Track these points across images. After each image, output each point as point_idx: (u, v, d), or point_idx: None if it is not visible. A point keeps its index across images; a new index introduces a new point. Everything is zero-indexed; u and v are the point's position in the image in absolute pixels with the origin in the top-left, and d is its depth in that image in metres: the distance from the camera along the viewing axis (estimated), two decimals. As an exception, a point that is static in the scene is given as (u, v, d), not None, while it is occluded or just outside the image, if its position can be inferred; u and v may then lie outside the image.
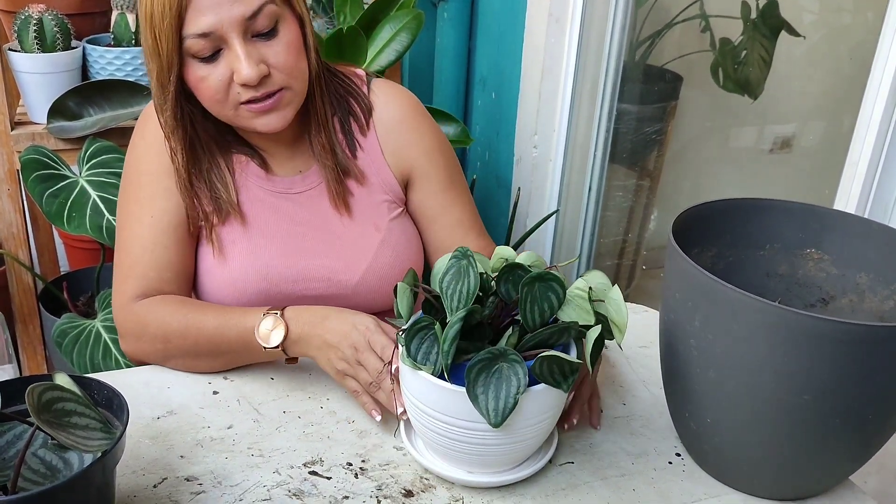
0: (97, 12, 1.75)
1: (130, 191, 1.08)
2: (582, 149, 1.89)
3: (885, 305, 0.91)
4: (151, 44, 0.95)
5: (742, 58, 2.02)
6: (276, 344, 0.96)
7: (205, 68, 0.96)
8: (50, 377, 0.78)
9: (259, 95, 0.97)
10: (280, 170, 1.10)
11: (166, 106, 1.00)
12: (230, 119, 1.01)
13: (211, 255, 1.08)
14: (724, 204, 0.95)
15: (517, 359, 0.78)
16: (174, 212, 1.05)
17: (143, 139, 1.07)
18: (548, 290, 0.82)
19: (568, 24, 1.77)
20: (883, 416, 0.78)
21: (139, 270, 1.04)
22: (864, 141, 1.17)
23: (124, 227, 1.07)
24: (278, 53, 0.97)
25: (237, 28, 0.94)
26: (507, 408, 0.77)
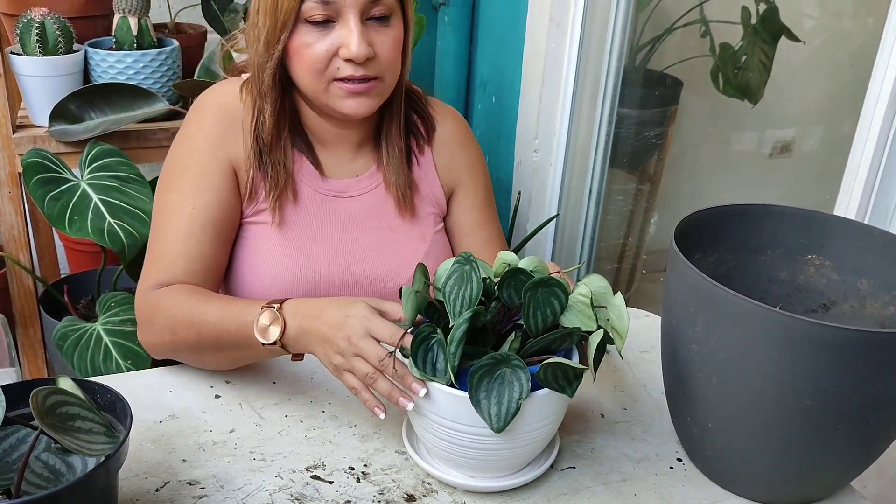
0: (99, 16, 1.75)
1: (174, 179, 1.07)
2: (582, 153, 1.90)
3: (886, 311, 0.91)
4: (271, 1, 0.98)
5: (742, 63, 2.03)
6: (273, 340, 0.91)
7: (313, 34, 0.99)
8: (53, 381, 0.78)
9: (358, 76, 1.00)
10: (335, 172, 1.12)
11: (268, 65, 1.02)
12: (318, 94, 1.03)
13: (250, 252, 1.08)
14: (725, 209, 0.95)
15: (520, 364, 0.78)
16: (216, 207, 1.05)
17: (201, 129, 1.07)
18: (550, 296, 0.82)
19: (569, 28, 1.77)
20: (884, 421, 0.78)
21: (168, 259, 1.03)
22: (865, 146, 1.17)
23: (162, 214, 1.06)
24: (385, 42, 1.01)
25: (357, 6, 0.98)
26: (509, 413, 0.77)
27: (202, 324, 0.96)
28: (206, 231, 1.04)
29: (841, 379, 0.74)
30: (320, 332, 0.88)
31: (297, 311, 0.90)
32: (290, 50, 1.01)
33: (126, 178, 1.50)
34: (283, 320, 0.90)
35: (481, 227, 1.20)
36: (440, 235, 1.18)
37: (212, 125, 1.06)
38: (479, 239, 1.19)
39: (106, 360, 1.43)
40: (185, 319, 0.98)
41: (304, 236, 1.09)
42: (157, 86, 1.67)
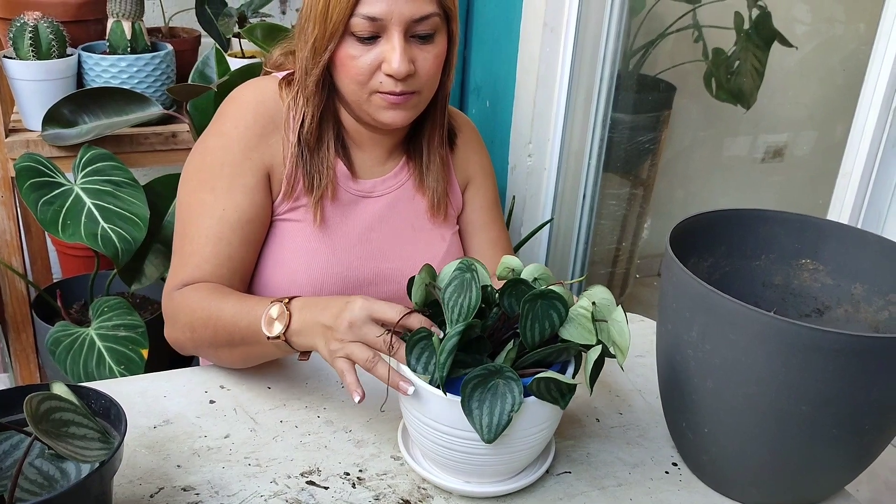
0: (93, 20, 1.75)
1: (206, 178, 1.07)
2: (576, 157, 1.90)
3: (879, 316, 0.91)
4: (321, 10, 1.01)
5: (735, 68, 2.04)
6: (276, 333, 0.92)
7: (359, 48, 1.02)
8: (48, 386, 0.78)
9: (397, 91, 1.03)
10: (365, 173, 1.15)
11: (314, 71, 1.05)
12: (360, 102, 1.06)
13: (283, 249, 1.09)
14: (720, 214, 0.95)
15: (513, 376, 0.78)
16: (247, 209, 1.06)
17: (237, 128, 1.08)
18: (550, 308, 0.81)
19: (562, 33, 1.77)
20: (879, 426, 0.79)
21: (196, 261, 1.04)
22: (857, 151, 1.18)
23: (192, 214, 1.07)
24: (427, 59, 1.03)
25: (402, 24, 1.01)
26: (500, 424, 0.78)
27: (218, 320, 0.98)
28: (235, 234, 1.05)
29: (835, 384, 0.74)
30: (323, 322, 0.89)
31: (304, 305, 0.92)
32: (336, 60, 1.04)
33: (119, 182, 1.49)
34: (288, 314, 0.92)
35: (487, 226, 1.24)
36: (457, 236, 1.23)
37: (250, 125, 1.07)
38: (486, 238, 1.24)
39: (99, 366, 1.42)
40: (204, 316, 1.00)
41: (338, 235, 1.12)
42: (150, 90, 1.67)
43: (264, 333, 0.93)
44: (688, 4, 2.08)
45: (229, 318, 0.97)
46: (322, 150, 1.10)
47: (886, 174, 1.17)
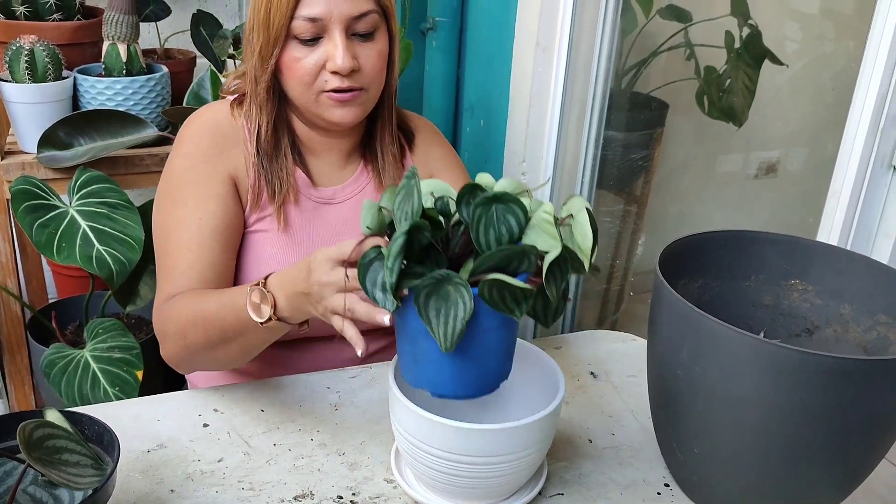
0: (88, 43, 1.76)
1: (176, 196, 1.10)
2: (570, 175, 1.91)
3: (868, 336, 0.92)
4: (263, 17, 1.05)
5: (726, 86, 2.05)
6: (267, 316, 0.91)
7: (302, 50, 1.05)
8: (41, 413, 0.78)
9: (343, 86, 1.05)
10: (324, 181, 1.17)
11: (263, 78, 1.08)
12: (308, 104, 1.08)
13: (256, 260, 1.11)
14: (709, 236, 0.96)
15: (461, 282, 0.74)
16: (222, 216, 1.09)
17: (198, 146, 1.11)
18: (507, 213, 0.76)
19: (555, 52, 1.79)
20: (868, 446, 0.79)
21: (179, 270, 1.06)
22: (846, 171, 1.19)
23: (169, 231, 1.08)
24: (370, 56, 1.07)
25: (342, 23, 1.04)
26: (455, 332, 0.74)
27: (205, 320, 0.98)
28: (214, 239, 1.07)
29: (823, 405, 0.75)
30: (301, 290, 0.88)
31: (281, 281, 0.91)
32: (282, 64, 1.07)
33: (115, 204, 1.50)
34: (271, 295, 0.91)
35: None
36: None
37: (208, 141, 1.11)
38: None
39: (94, 388, 1.42)
40: (191, 320, 1.00)
41: (305, 241, 1.14)
42: (146, 112, 1.68)
43: (255, 321, 0.92)
44: (679, 23, 2.09)
45: (215, 315, 0.97)
46: (280, 157, 1.13)
47: (875, 194, 1.18)
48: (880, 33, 1.13)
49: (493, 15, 1.95)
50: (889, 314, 0.90)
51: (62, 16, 1.73)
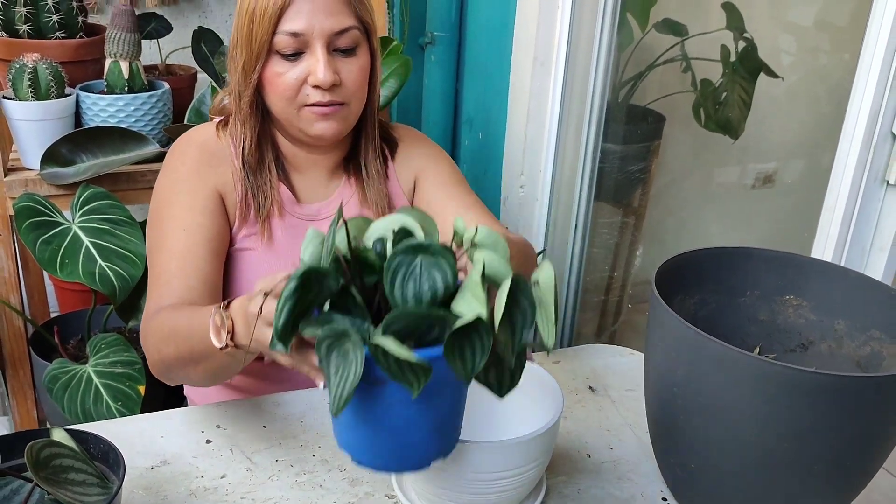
0: (90, 60, 1.78)
1: (165, 211, 1.11)
2: (568, 188, 1.92)
3: (861, 351, 0.93)
4: (245, 34, 1.06)
5: (722, 99, 2.07)
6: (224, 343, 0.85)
7: (284, 65, 1.07)
8: (48, 432, 0.80)
9: (325, 101, 1.07)
10: (308, 197, 1.18)
11: (246, 93, 1.10)
12: (291, 118, 1.10)
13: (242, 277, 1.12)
14: (704, 252, 0.98)
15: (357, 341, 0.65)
16: (209, 227, 1.10)
17: (185, 164, 1.13)
18: (433, 267, 0.67)
19: (552, 67, 1.81)
20: (861, 460, 0.80)
21: (165, 279, 1.05)
22: (840, 186, 1.20)
23: (158, 244, 1.09)
24: (351, 71, 1.08)
25: (324, 38, 1.06)
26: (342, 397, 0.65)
27: (177, 336, 0.95)
28: (201, 247, 1.08)
29: (817, 421, 0.76)
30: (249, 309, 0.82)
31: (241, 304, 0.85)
32: (264, 79, 1.09)
33: (117, 220, 1.51)
34: (230, 320, 0.86)
35: (454, 197, 1.19)
36: None
37: (194, 159, 1.13)
38: (456, 206, 1.17)
39: (96, 403, 1.44)
40: (166, 335, 0.97)
41: (291, 258, 1.15)
42: (147, 128, 1.70)
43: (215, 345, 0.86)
44: (675, 37, 2.11)
45: (186, 333, 0.93)
46: (264, 172, 1.14)
47: (869, 209, 1.20)
48: (872, 49, 1.14)
49: (491, 29, 1.97)
50: (882, 329, 0.91)
51: (65, 34, 1.74)
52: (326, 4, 1.05)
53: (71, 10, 1.74)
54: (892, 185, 1.18)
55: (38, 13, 1.71)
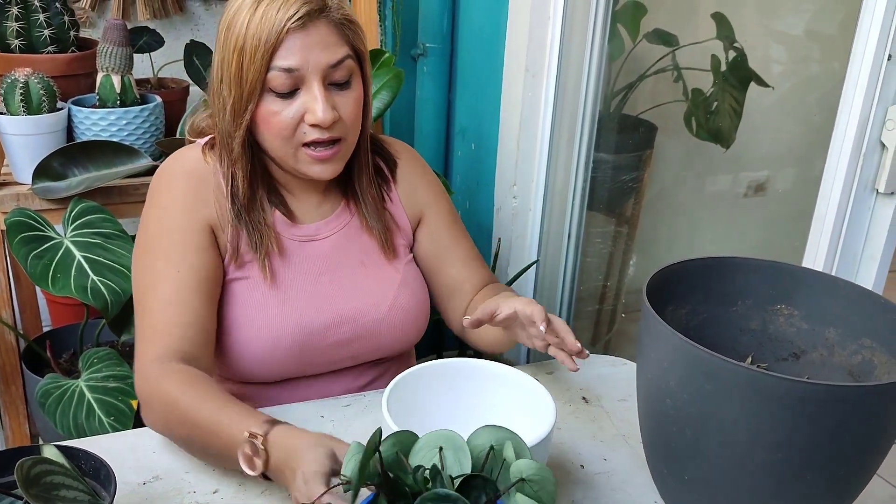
0: (82, 74, 1.78)
1: (154, 249, 1.07)
2: (560, 197, 1.93)
3: (853, 359, 0.93)
4: (234, 72, 1.02)
5: (713, 108, 2.08)
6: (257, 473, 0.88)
7: (279, 104, 1.03)
8: (39, 449, 0.79)
9: (324, 139, 1.04)
10: (304, 218, 1.15)
11: (237, 134, 1.05)
12: (287, 157, 1.07)
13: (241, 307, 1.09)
14: (695, 263, 0.98)
15: None
16: (200, 268, 1.06)
17: (172, 195, 1.09)
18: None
19: (544, 77, 1.81)
20: (853, 470, 0.81)
21: (162, 327, 1.03)
22: (830, 195, 1.21)
23: (148, 285, 1.06)
24: (348, 104, 1.06)
25: (320, 73, 1.02)
26: None
27: (194, 426, 0.95)
28: (194, 293, 1.05)
29: (810, 431, 0.76)
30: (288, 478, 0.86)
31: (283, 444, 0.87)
32: (258, 118, 1.04)
33: (109, 234, 1.51)
34: (265, 452, 0.88)
35: (456, 243, 1.25)
36: (411, 265, 1.22)
37: (182, 190, 1.09)
38: (458, 256, 1.24)
39: (89, 418, 1.43)
40: (179, 416, 0.96)
41: (288, 285, 1.12)
42: (139, 142, 1.70)
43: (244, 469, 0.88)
44: (666, 47, 2.12)
45: (204, 430, 0.94)
46: (256, 208, 1.10)
47: (859, 218, 1.20)
48: (860, 58, 1.15)
49: (482, 41, 1.98)
50: (873, 338, 0.92)
51: (57, 48, 1.75)
52: (320, 36, 1.01)
53: (63, 25, 1.75)
54: (882, 193, 1.18)
55: (29, 28, 1.71)
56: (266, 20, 1.00)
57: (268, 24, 0.99)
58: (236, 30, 1.01)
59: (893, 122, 1.15)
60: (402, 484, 0.76)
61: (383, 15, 2.06)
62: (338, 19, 1.04)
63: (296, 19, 1.00)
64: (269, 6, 1.00)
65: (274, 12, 1.00)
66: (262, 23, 1.00)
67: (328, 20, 1.03)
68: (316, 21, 1.02)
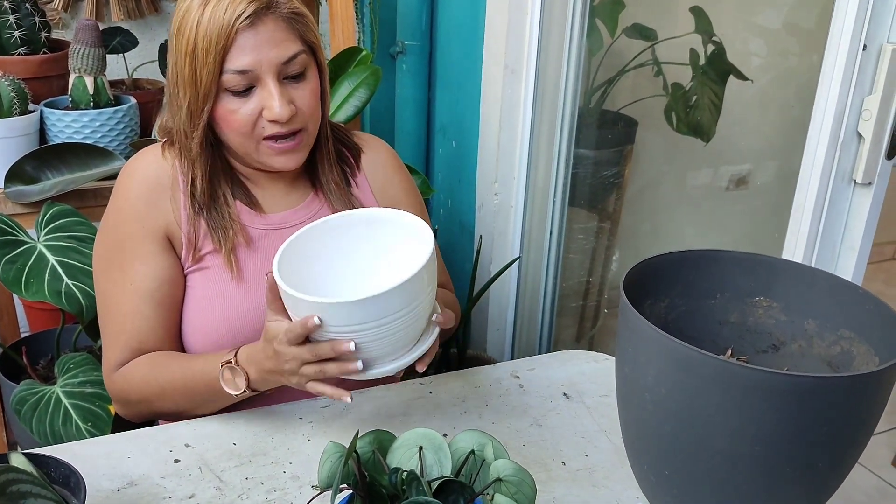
0: (55, 76, 1.75)
1: (110, 257, 1.10)
2: (542, 194, 1.93)
3: (832, 350, 0.93)
4: (188, 75, 1.02)
5: (693, 102, 2.08)
6: (242, 389, 1.01)
7: (236, 102, 1.03)
8: (5, 457, 0.77)
9: (284, 132, 1.05)
10: (272, 207, 1.15)
11: (195, 134, 1.05)
12: (250, 152, 1.07)
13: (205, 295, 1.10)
14: (674, 256, 0.97)
15: None
16: (155, 274, 1.08)
17: (126, 200, 1.10)
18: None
19: (523, 74, 1.81)
20: (833, 462, 0.80)
21: (123, 339, 1.08)
22: (808, 186, 1.21)
23: (106, 293, 1.10)
24: (304, 97, 1.06)
25: (273, 70, 1.02)
26: None
27: (173, 391, 1.06)
28: (147, 304, 1.08)
29: (787, 424, 0.76)
30: (270, 368, 0.98)
31: (251, 359, 1.00)
32: (217, 117, 1.05)
33: (83, 237, 1.49)
34: (243, 370, 1.01)
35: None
36: None
37: (138, 195, 1.09)
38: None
39: (66, 424, 1.41)
40: (157, 391, 1.06)
41: (251, 273, 1.12)
42: (114, 143, 1.67)
43: (229, 393, 1.02)
44: (645, 42, 2.12)
45: (183, 386, 1.05)
46: (219, 204, 1.11)
47: (838, 209, 1.20)
48: (835, 49, 1.15)
49: (461, 38, 1.97)
50: (851, 329, 0.91)
51: (28, 50, 1.72)
52: (270, 34, 1.01)
53: (34, 26, 1.72)
54: (860, 184, 1.18)
55: (-1, 29, 1.69)
56: (214, 21, 0.99)
57: (216, 25, 0.99)
58: (186, 32, 1.01)
59: (870, 112, 1.15)
60: (378, 486, 0.75)
61: (361, 13, 2.04)
62: (286, 14, 1.03)
63: (244, 18, 1.00)
64: (217, 6, 1.00)
65: (221, 13, 0.99)
66: (211, 24, 0.99)
67: (276, 16, 1.02)
68: (264, 18, 1.01)
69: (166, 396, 1.06)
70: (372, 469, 0.79)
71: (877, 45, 1.12)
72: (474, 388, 1.17)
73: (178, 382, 1.05)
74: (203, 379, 1.04)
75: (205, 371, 1.03)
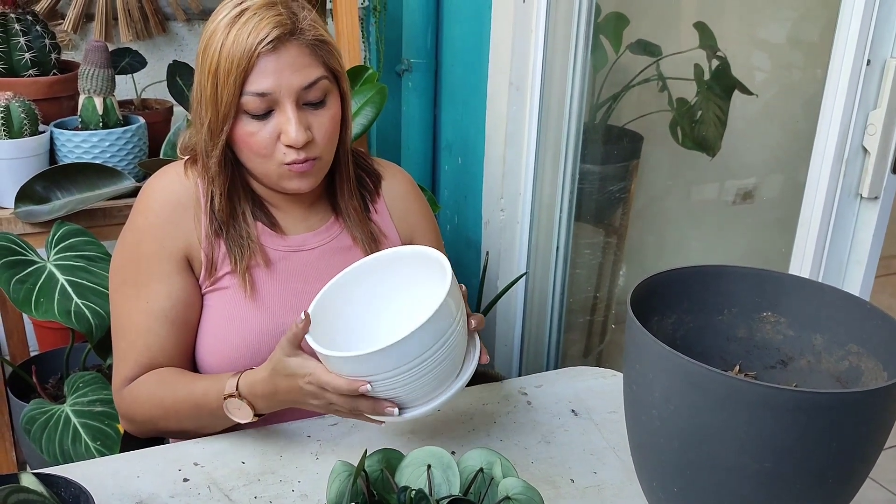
0: (65, 97, 1.77)
1: (127, 274, 1.11)
2: (548, 210, 1.93)
3: (840, 365, 0.93)
4: (210, 94, 1.03)
5: (698, 117, 2.08)
6: (250, 419, 1.02)
7: (255, 125, 1.04)
8: (16, 477, 0.78)
9: (300, 159, 1.05)
10: (291, 229, 1.16)
11: (214, 153, 1.07)
12: (269, 174, 1.08)
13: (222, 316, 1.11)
14: (680, 272, 0.97)
15: None
16: (171, 294, 1.09)
17: (146, 218, 1.11)
18: None
19: (528, 91, 1.82)
20: (842, 478, 0.80)
21: (133, 356, 1.09)
22: (815, 201, 1.21)
23: (120, 309, 1.11)
24: (323, 124, 1.06)
25: (293, 95, 1.03)
26: None
27: (178, 412, 1.06)
28: (160, 323, 1.08)
29: (796, 440, 0.75)
30: (286, 401, 1.00)
31: (254, 390, 1.01)
32: (235, 138, 1.06)
33: (92, 257, 1.50)
34: (247, 402, 1.01)
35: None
36: None
37: (158, 214, 1.10)
38: None
39: (75, 443, 1.41)
40: (162, 412, 1.08)
41: (270, 295, 1.12)
42: (123, 163, 1.69)
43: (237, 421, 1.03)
44: (650, 57, 2.13)
45: (188, 409, 1.06)
46: (238, 222, 1.11)
47: (844, 223, 1.20)
48: (840, 64, 1.16)
49: (466, 56, 1.99)
50: (859, 343, 0.91)
51: (38, 71, 1.74)
52: (292, 59, 1.02)
53: (44, 48, 1.74)
54: (866, 198, 1.18)
55: (10, 51, 1.71)
56: (238, 44, 1.01)
57: (240, 48, 1.01)
58: (211, 52, 1.03)
59: (874, 126, 1.15)
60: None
61: (366, 31, 2.06)
62: (310, 40, 1.04)
63: (266, 42, 1.01)
64: (241, 29, 1.01)
65: (245, 36, 1.01)
66: (235, 46, 1.01)
67: (300, 42, 1.03)
68: (287, 44, 1.02)
69: (170, 417, 1.07)
70: (380, 488, 0.79)
71: (881, 60, 1.13)
72: (482, 406, 1.17)
73: (181, 404, 1.06)
74: (206, 402, 1.04)
75: (207, 395, 1.04)
